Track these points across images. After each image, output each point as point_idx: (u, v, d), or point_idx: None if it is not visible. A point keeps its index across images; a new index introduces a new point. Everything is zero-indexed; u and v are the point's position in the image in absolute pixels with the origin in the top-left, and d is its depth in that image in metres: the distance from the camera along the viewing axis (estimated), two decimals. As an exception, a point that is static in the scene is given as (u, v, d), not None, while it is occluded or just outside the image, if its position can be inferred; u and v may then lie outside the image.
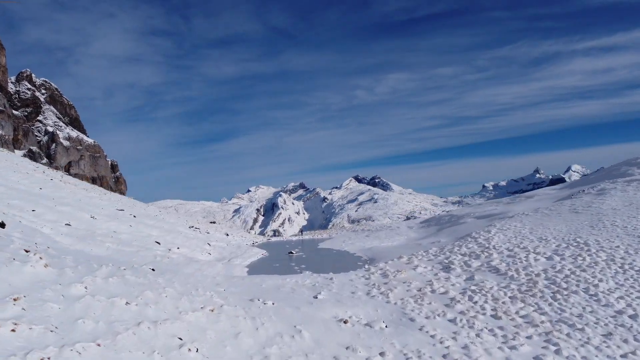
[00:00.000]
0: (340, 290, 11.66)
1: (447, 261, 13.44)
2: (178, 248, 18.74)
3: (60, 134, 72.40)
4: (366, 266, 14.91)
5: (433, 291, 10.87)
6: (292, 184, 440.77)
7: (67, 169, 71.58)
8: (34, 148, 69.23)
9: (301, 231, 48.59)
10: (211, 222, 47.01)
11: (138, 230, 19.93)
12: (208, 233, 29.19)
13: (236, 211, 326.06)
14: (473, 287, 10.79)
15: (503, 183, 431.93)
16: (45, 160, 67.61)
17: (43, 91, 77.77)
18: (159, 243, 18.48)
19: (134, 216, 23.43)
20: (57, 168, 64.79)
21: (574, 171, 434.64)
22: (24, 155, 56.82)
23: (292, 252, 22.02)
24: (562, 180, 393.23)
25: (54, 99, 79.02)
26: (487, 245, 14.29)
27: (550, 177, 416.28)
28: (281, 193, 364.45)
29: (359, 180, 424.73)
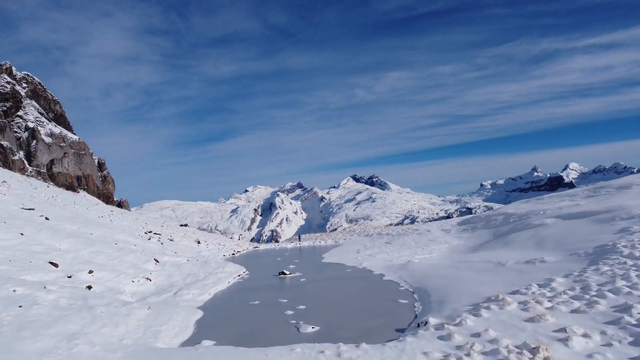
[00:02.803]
0: None
1: (635, 322, 5.91)
2: (90, 272, 11.10)
3: (42, 130, 64.73)
4: (429, 319, 7.32)
5: None
6: (290, 183, 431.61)
7: (50, 167, 64.36)
8: (5, 143, 61.58)
9: (299, 236, 40.59)
10: (182, 225, 39.03)
11: (32, 242, 12.26)
12: (171, 240, 21.50)
13: (233, 211, 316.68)
14: None
15: (501, 182, 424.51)
16: (17, 156, 60.12)
17: (24, 85, 69.68)
18: (54, 264, 10.83)
19: (47, 218, 15.72)
20: (37, 166, 57.74)
21: (572, 169, 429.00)
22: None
23: (284, 273, 14.43)
24: (560, 178, 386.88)
25: (37, 94, 71.09)
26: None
27: (548, 175, 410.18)
28: (279, 193, 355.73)
29: (356, 179, 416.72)
